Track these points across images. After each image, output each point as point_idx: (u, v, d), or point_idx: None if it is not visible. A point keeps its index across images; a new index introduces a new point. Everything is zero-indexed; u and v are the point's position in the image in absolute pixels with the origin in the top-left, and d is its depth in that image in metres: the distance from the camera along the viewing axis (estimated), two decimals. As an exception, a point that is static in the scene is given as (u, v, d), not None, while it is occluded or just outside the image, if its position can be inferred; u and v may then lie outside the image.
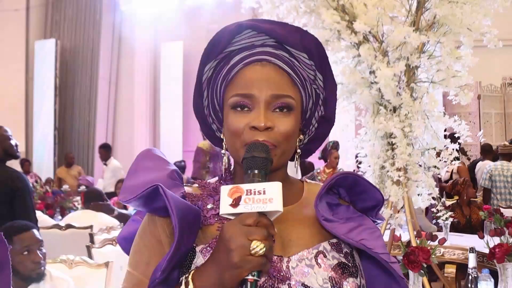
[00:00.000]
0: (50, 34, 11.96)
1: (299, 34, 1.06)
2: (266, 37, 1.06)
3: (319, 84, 1.10)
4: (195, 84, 1.12)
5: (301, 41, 1.05)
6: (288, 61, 1.06)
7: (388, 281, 1.06)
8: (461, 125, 3.25)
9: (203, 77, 1.10)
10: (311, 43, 1.06)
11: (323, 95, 1.11)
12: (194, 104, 1.14)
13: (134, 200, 0.99)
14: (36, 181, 8.12)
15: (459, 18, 3.08)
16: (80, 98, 11.72)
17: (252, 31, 1.06)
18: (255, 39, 1.06)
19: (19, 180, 3.67)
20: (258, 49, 1.06)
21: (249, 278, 0.87)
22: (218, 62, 1.08)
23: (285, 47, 1.06)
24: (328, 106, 1.12)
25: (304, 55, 1.07)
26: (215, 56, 1.07)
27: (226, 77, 1.07)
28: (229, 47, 1.07)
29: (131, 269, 1.03)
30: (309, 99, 1.10)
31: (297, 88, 1.06)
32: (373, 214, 1.11)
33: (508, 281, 2.71)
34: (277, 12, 3.41)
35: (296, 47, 1.06)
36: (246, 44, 1.06)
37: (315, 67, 1.08)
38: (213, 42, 1.07)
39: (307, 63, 1.07)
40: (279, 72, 1.04)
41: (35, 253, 2.75)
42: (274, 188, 0.89)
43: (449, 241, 4.00)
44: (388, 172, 3.29)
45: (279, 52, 1.06)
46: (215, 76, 1.09)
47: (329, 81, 1.10)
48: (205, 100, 1.13)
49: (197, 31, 10.19)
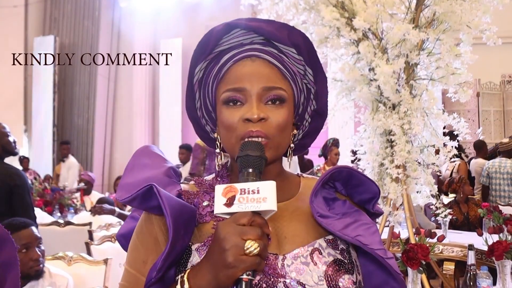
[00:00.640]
0: (49, 30, 11.93)
1: (286, 30, 1.07)
2: (254, 35, 1.07)
3: (310, 79, 1.11)
4: (187, 86, 1.12)
5: (289, 37, 1.06)
6: (277, 56, 1.06)
7: (385, 276, 1.06)
8: (460, 123, 3.26)
9: (194, 79, 1.11)
10: (299, 38, 1.07)
11: (314, 89, 1.12)
12: (187, 106, 1.14)
13: (129, 199, 0.99)
14: (34, 178, 8.10)
15: (458, 15, 3.07)
16: (79, 95, 11.70)
17: (240, 30, 1.07)
18: (244, 38, 1.07)
19: (18, 177, 3.67)
20: (247, 47, 1.07)
21: (243, 278, 0.86)
22: (208, 62, 1.09)
23: (273, 43, 1.07)
24: (320, 100, 1.13)
25: (293, 50, 1.08)
26: (205, 57, 1.08)
27: (217, 75, 1.08)
28: (218, 47, 1.08)
29: (129, 267, 1.03)
30: (301, 93, 1.10)
31: (288, 82, 1.07)
32: (370, 206, 1.12)
33: (507, 278, 2.71)
34: (277, 9, 3.41)
35: (284, 43, 1.07)
36: (235, 43, 1.07)
37: (304, 61, 1.09)
38: (202, 44, 1.08)
39: (296, 58, 1.08)
40: (269, 66, 1.05)
41: (34, 251, 2.74)
42: (268, 187, 0.89)
43: (448, 239, 4.00)
44: (387, 169, 3.29)
45: (268, 49, 1.07)
46: (206, 76, 1.10)
47: (319, 75, 1.11)
48: (198, 102, 1.13)
49: (196, 28, 10.17)
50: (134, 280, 1.00)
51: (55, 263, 3.07)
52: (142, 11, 11.10)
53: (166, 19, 10.84)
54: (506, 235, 2.84)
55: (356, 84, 3.36)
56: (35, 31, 11.89)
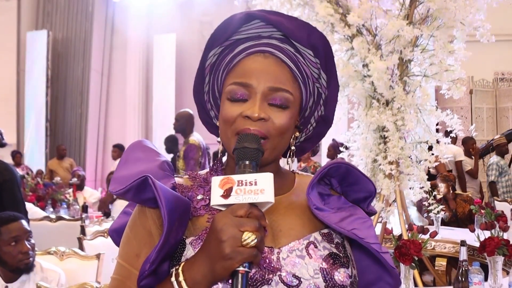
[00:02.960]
0: (42, 25, 11.84)
1: (307, 30, 1.04)
2: (273, 29, 1.05)
3: (322, 83, 1.09)
4: (198, 68, 1.10)
5: (308, 38, 1.04)
6: (292, 56, 1.04)
7: (380, 271, 1.06)
8: (453, 119, 3.27)
9: (207, 63, 1.09)
10: (319, 41, 1.05)
11: (325, 95, 1.10)
12: (194, 88, 1.13)
13: (123, 191, 0.98)
14: (27, 173, 8.06)
15: (452, 12, 3.08)
16: (72, 90, 11.63)
17: (261, 21, 1.05)
18: (262, 30, 1.06)
19: (7, 172, 3.63)
20: (264, 41, 1.05)
21: (240, 270, 0.86)
22: (223, 49, 1.08)
23: (291, 41, 1.05)
24: (329, 106, 1.11)
25: (310, 52, 1.05)
26: (221, 42, 1.07)
27: (228, 65, 1.06)
28: (236, 35, 1.06)
29: (121, 261, 1.02)
30: (310, 97, 1.09)
31: (298, 84, 1.05)
32: (364, 205, 1.11)
33: (498, 274, 2.73)
34: (271, 4, 3.40)
35: (303, 43, 1.04)
36: (253, 34, 1.06)
37: (320, 65, 1.07)
38: (221, 28, 1.06)
39: (312, 61, 1.06)
40: (280, 66, 1.03)
41: (23, 244, 2.73)
42: (266, 179, 0.88)
43: (440, 235, 4.02)
44: (380, 166, 3.30)
45: (284, 46, 1.05)
46: (218, 62, 1.08)
47: (332, 81, 1.09)
48: (206, 86, 1.12)
49: (190, 24, 10.14)
50: (126, 274, 0.99)
51: (47, 258, 3.06)
52: (136, 6, 11.04)
53: (160, 15, 10.79)
54: (498, 231, 2.86)
55: (350, 80, 3.37)
56: (28, 25, 11.80)
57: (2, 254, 2.71)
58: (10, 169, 3.71)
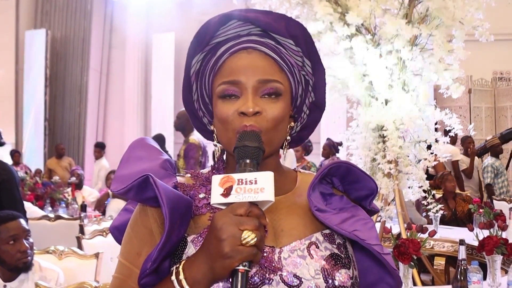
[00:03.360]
0: (40, 24, 11.82)
1: (284, 21, 1.05)
2: (251, 26, 1.06)
3: (308, 70, 1.10)
4: (183, 78, 1.11)
5: (287, 28, 1.05)
6: (274, 48, 1.05)
7: (381, 272, 1.06)
8: (452, 119, 3.27)
9: (191, 71, 1.10)
10: (297, 29, 1.06)
11: (312, 81, 1.11)
12: (184, 98, 1.13)
13: (125, 190, 0.98)
14: (26, 172, 8.05)
15: (451, 11, 3.08)
16: (71, 89, 11.61)
17: (237, 21, 1.06)
18: (241, 29, 1.06)
19: (5, 171, 3.61)
20: (244, 38, 1.06)
21: (240, 269, 0.86)
22: (205, 54, 1.08)
23: (271, 34, 1.06)
24: (318, 91, 1.12)
25: (291, 42, 1.06)
26: (202, 48, 1.07)
27: (213, 67, 1.07)
28: (215, 38, 1.07)
29: (122, 259, 1.02)
30: (299, 85, 1.09)
31: (285, 74, 1.06)
32: (366, 203, 1.11)
33: (497, 273, 2.73)
34: (270, 3, 3.40)
35: (282, 34, 1.05)
36: (232, 34, 1.06)
37: (302, 53, 1.07)
38: (199, 35, 1.07)
39: (294, 50, 1.07)
40: (265, 58, 1.04)
41: (22, 243, 2.73)
42: (266, 178, 0.88)
43: (439, 234, 4.02)
44: (379, 165, 3.31)
45: (265, 40, 1.06)
46: (202, 68, 1.09)
47: (317, 66, 1.10)
48: (195, 94, 1.12)
49: (189, 22, 10.10)
50: (127, 272, 1.00)
51: (45, 257, 3.05)
52: (135, 5, 11.02)
53: (159, 14, 10.78)
54: (496, 230, 2.86)
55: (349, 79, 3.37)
56: (26, 24, 11.78)
57: (1, 253, 2.71)
58: (8, 168, 3.70)
